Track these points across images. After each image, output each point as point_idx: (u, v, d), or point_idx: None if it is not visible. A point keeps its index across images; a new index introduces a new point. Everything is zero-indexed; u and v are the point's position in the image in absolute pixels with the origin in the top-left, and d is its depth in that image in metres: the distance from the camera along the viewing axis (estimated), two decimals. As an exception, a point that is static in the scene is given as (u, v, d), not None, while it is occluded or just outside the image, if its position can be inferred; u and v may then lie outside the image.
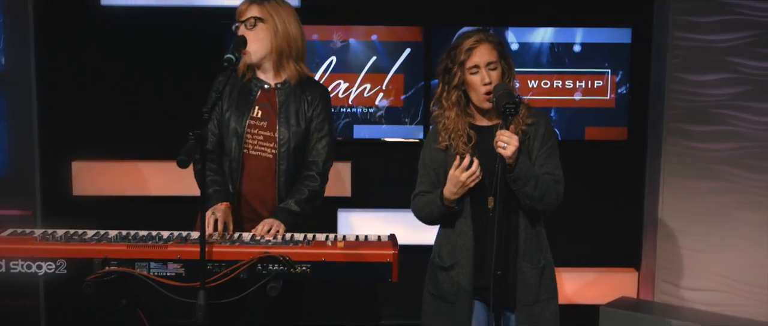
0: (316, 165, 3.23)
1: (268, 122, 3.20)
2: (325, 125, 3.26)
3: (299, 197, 3.15)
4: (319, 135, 3.25)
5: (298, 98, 3.22)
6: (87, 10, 4.85)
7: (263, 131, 3.21)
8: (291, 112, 3.20)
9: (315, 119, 3.23)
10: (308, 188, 3.18)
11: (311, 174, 3.22)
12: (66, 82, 4.90)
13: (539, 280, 2.95)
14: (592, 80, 4.87)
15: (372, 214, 4.97)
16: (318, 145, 3.24)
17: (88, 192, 4.91)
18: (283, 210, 3.10)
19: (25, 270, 2.64)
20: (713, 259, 4.72)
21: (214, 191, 3.15)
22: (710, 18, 4.60)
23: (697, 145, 4.70)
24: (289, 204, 3.12)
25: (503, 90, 2.73)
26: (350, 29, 4.85)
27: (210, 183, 3.17)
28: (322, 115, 3.25)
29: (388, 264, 2.65)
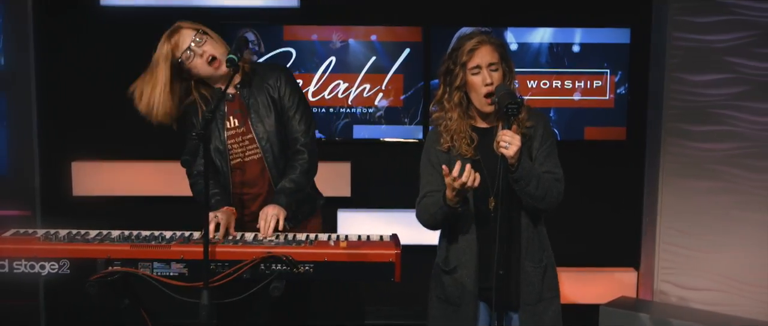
0: (297, 141, 3.26)
1: (245, 127, 3.24)
2: (294, 100, 3.28)
3: (292, 175, 3.19)
4: (292, 112, 3.27)
5: (260, 88, 3.24)
6: (86, 10, 4.86)
7: (246, 136, 3.24)
8: (260, 105, 3.23)
9: (283, 100, 3.26)
10: (298, 163, 3.22)
11: (297, 148, 3.26)
12: (65, 82, 4.90)
13: (542, 279, 2.96)
14: (591, 80, 4.88)
15: (372, 214, 4.98)
16: (293, 122, 3.27)
17: (87, 192, 4.92)
18: (279, 193, 3.13)
19: (29, 270, 2.65)
20: (712, 259, 4.73)
21: (216, 200, 3.18)
22: (709, 18, 4.61)
23: (696, 145, 4.71)
24: (284, 183, 3.16)
25: (505, 90, 2.74)
26: (350, 29, 4.86)
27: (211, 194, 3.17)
28: (287, 91, 3.27)
29: (391, 264, 2.66)
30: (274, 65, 3.41)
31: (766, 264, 4.60)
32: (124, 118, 4.86)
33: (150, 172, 4.94)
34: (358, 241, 2.82)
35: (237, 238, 2.86)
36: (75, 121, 4.91)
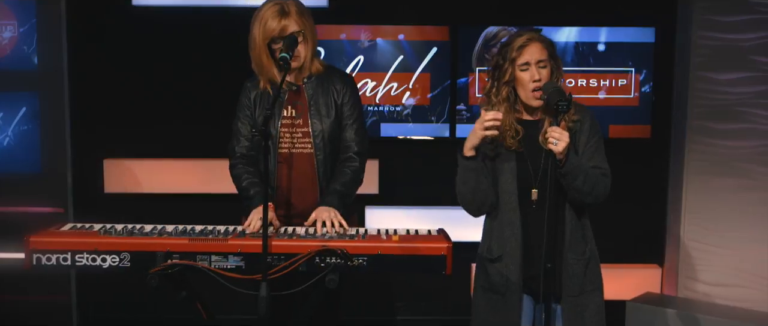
0: (351, 149, 3.35)
1: (302, 119, 3.31)
2: (354, 111, 3.38)
3: (343, 179, 3.28)
4: (350, 121, 3.36)
5: (326, 90, 3.33)
6: (118, 10, 4.92)
7: (300, 128, 3.31)
8: (321, 104, 3.32)
9: (344, 107, 3.35)
10: (350, 169, 3.31)
11: (349, 155, 3.35)
12: (97, 81, 4.98)
13: (584, 271, 3.04)
14: (616, 79, 4.94)
15: (399, 211, 5.04)
16: (350, 131, 3.36)
17: (119, 189, 4.99)
18: (332, 194, 3.21)
19: (90, 263, 2.72)
20: (736, 256, 4.78)
21: (256, 192, 3.25)
22: (734, 17, 4.67)
23: (721, 143, 4.76)
24: (336, 186, 3.24)
25: (554, 87, 2.81)
26: (378, 29, 4.92)
27: (249, 185, 3.28)
28: (350, 102, 3.37)
29: (443, 257, 2.74)
30: (344, 73, 3.51)
31: (790, 260, 4.66)
32: (154, 116, 4.99)
33: (180, 170, 5.01)
34: (408, 235, 2.89)
35: (290, 232, 2.92)
36: (107, 120, 4.99)
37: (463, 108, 4.97)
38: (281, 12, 3.19)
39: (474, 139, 2.89)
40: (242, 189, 3.30)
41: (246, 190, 3.27)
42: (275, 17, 3.18)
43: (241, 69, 4.80)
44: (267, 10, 3.21)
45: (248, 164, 3.33)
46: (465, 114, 4.96)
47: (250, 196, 3.24)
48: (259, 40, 3.22)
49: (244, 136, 3.34)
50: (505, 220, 3.03)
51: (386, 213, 5.00)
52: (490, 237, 3.09)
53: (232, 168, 3.36)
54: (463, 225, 3.48)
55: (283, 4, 3.21)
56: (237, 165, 3.34)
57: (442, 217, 4.52)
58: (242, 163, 3.33)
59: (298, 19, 3.21)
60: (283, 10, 3.20)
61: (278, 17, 3.19)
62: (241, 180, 3.30)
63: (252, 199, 3.22)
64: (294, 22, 3.20)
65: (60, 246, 2.74)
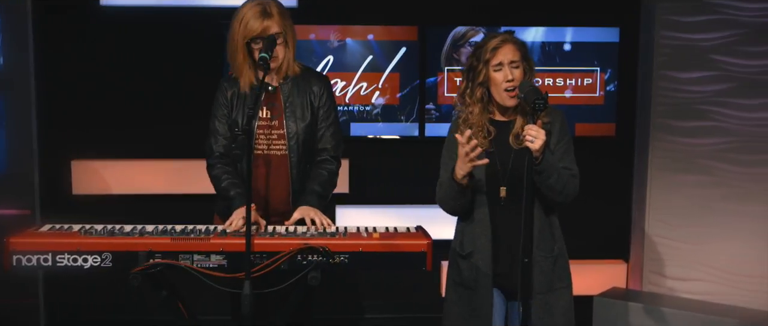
0: (326, 151, 3.38)
1: (278, 121, 3.32)
2: (331, 114, 3.41)
3: (320, 179, 3.31)
4: (327, 123, 3.39)
5: (302, 92, 3.34)
6: (86, 10, 4.88)
7: (276, 130, 3.32)
8: (297, 106, 3.33)
9: (321, 109, 3.37)
10: (327, 170, 3.35)
11: (325, 157, 3.38)
12: (65, 81, 4.93)
13: (553, 268, 3.11)
14: (582, 78, 5.03)
15: (370, 210, 5.07)
16: (326, 133, 3.39)
17: (87, 191, 4.95)
18: (312, 194, 3.24)
19: (71, 263, 2.72)
20: (699, 250, 4.90)
21: (236, 193, 3.25)
22: (695, 17, 4.78)
23: (683, 140, 4.87)
24: (314, 187, 3.27)
25: (530, 87, 2.88)
26: (347, 29, 4.95)
27: (230, 185, 3.28)
28: (327, 104, 3.40)
29: (423, 253, 2.79)
30: (321, 75, 3.53)
31: (752, 254, 4.77)
32: (123, 116, 4.96)
33: (149, 171, 4.99)
34: (388, 233, 2.93)
35: (272, 231, 2.94)
36: (74, 120, 4.94)
37: (432, 107, 5.02)
38: (263, 13, 3.20)
39: (464, 168, 2.92)
40: (222, 189, 3.29)
41: (226, 191, 3.27)
42: (257, 18, 3.19)
43: (209, 69, 4.86)
44: (249, 10, 3.21)
45: (227, 164, 3.33)
46: (434, 113, 5.01)
47: (230, 197, 3.24)
48: (238, 39, 3.23)
49: (221, 135, 3.34)
50: (475, 218, 3.10)
51: (357, 212, 5.03)
52: (462, 233, 3.16)
53: (211, 168, 3.36)
54: (433, 223, 3.52)
55: (266, 4, 3.22)
56: (216, 165, 3.34)
57: (413, 215, 4.56)
58: (221, 163, 3.32)
59: (279, 21, 3.22)
60: (265, 10, 3.20)
61: (260, 18, 3.19)
62: (220, 180, 3.30)
63: (233, 200, 3.22)
64: (276, 23, 3.20)
65: (41, 247, 2.73)
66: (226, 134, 3.34)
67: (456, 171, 2.93)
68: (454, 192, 2.98)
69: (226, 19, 4.75)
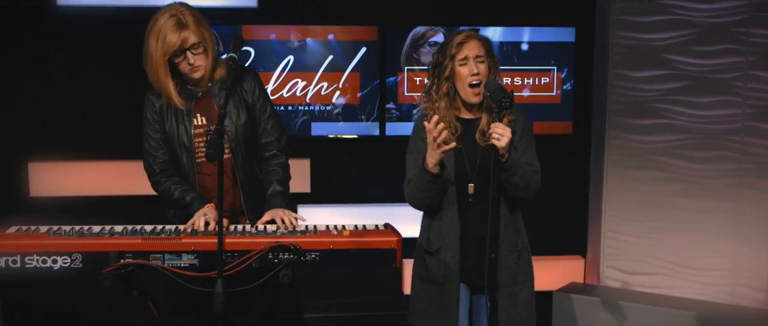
0: (271, 145, 3.37)
1: (214, 125, 3.20)
2: (267, 106, 3.39)
3: (277, 177, 3.32)
4: (265, 117, 3.37)
5: (233, 90, 3.23)
6: (43, 10, 4.83)
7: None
8: (231, 106, 3.26)
9: (256, 104, 3.35)
10: (279, 165, 3.35)
11: (273, 152, 3.37)
12: (22, 83, 4.87)
13: (517, 263, 3.18)
14: (539, 77, 5.12)
15: (332, 209, 5.09)
16: (266, 127, 3.37)
17: (45, 193, 4.89)
18: (276, 195, 3.25)
19: (40, 265, 2.70)
20: (653, 245, 5.01)
21: (192, 198, 3.22)
22: (649, 18, 4.89)
23: (638, 138, 4.98)
24: (275, 187, 3.28)
25: (496, 85, 2.93)
26: (307, 29, 4.97)
27: (183, 193, 3.24)
28: (261, 98, 3.36)
29: (393, 250, 2.83)
30: (249, 69, 3.46)
31: (704, 247, 4.89)
32: (80, 118, 4.91)
33: (107, 172, 4.94)
34: (358, 230, 2.96)
35: (242, 230, 2.95)
36: (31, 122, 4.88)
37: (392, 106, 5.06)
38: (179, 24, 3.10)
39: (435, 156, 2.94)
40: (176, 200, 3.23)
41: (181, 200, 3.22)
42: (174, 31, 3.09)
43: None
44: (164, 24, 3.11)
45: (171, 175, 3.29)
46: (394, 112, 5.06)
47: (187, 203, 3.20)
48: (158, 56, 3.13)
49: (156, 151, 3.29)
50: (444, 214, 3.14)
51: (318, 212, 5.04)
52: (429, 230, 3.20)
53: (157, 185, 3.30)
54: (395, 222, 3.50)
55: (179, 14, 3.12)
56: (161, 181, 3.29)
57: (374, 214, 4.61)
58: (165, 177, 3.28)
59: (196, 30, 3.12)
60: (180, 22, 3.11)
61: (177, 30, 3.10)
62: (171, 193, 3.24)
63: (191, 205, 3.18)
64: (193, 33, 3.11)
65: (9, 249, 2.70)
66: (160, 149, 3.29)
67: (427, 161, 2.96)
68: (426, 183, 3.00)
69: None
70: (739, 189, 4.81)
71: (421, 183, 3.03)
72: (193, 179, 3.27)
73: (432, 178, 2.98)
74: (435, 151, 2.92)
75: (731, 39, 4.77)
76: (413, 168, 3.14)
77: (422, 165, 2.99)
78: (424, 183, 3.01)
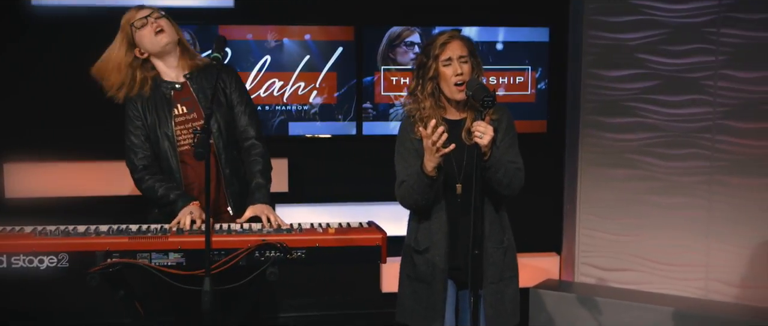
0: (249, 135, 3.43)
1: (195, 113, 3.37)
2: (243, 97, 3.48)
3: (258, 167, 3.37)
4: (242, 108, 3.45)
5: (210, 79, 3.38)
6: (17, 10, 4.79)
7: (196, 121, 3.36)
8: (209, 94, 3.33)
9: (233, 95, 3.43)
10: (260, 156, 3.41)
11: (251, 142, 3.43)
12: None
13: (503, 259, 3.22)
14: (514, 76, 5.17)
15: (309, 208, 5.11)
16: (244, 117, 3.44)
17: (20, 194, 4.86)
18: (259, 190, 3.30)
19: (27, 265, 2.69)
20: (627, 241, 5.09)
21: (177, 195, 3.27)
22: (621, 18, 4.97)
23: (611, 136, 5.06)
24: (258, 180, 3.33)
25: (478, 84, 2.97)
26: (284, 29, 4.98)
27: (167, 190, 3.28)
28: (237, 90, 3.46)
29: (378, 247, 2.86)
30: (227, 66, 3.53)
31: (677, 244, 4.98)
32: (56, 118, 4.88)
33: (83, 173, 4.92)
34: (342, 228, 2.98)
35: (227, 229, 2.96)
36: (6, 123, 4.84)
37: (369, 106, 5.09)
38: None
39: (434, 160, 2.96)
40: (160, 197, 3.28)
41: (165, 197, 3.26)
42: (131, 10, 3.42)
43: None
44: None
45: (155, 172, 3.34)
46: (371, 112, 5.08)
47: (171, 201, 3.25)
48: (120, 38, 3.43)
49: (140, 148, 3.35)
50: (432, 214, 3.16)
51: (296, 211, 5.06)
52: (416, 229, 3.22)
53: (140, 182, 3.35)
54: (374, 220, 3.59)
55: None
56: (144, 178, 3.33)
57: (352, 213, 4.59)
58: (149, 174, 3.33)
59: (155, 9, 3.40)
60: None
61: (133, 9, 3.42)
62: (154, 190, 3.29)
63: (175, 203, 3.23)
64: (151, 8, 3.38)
65: (-6, 249, 2.69)
66: (143, 146, 3.36)
67: (425, 165, 2.98)
68: (424, 186, 3.02)
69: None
70: (710, 186, 4.90)
71: (418, 186, 3.05)
72: (176, 168, 3.33)
73: (430, 181, 3.01)
74: (433, 155, 2.93)
75: (702, 39, 4.86)
76: (405, 170, 3.16)
77: (420, 170, 3.01)
78: (422, 186, 3.03)
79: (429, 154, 2.94)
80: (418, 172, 3.02)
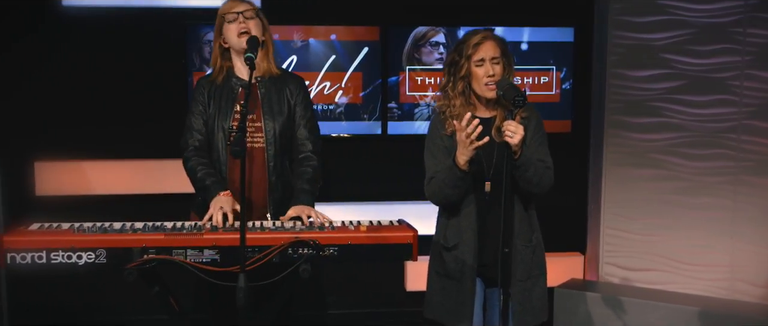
0: (306, 147, 3.49)
1: (255, 115, 3.43)
2: (307, 112, 3.54)
3: (307, 177, 3.42)
4: (304, 121, 3.51)
5: (279, 90, 3.48)
6: (48, 9, 4.86)
7: (254, 123, 3.42)
8: (274, 102, 3.45)
9: (297, 107, 3.49)
10: (310, 167, 3.45)
11: (307, 154, 3.48)
12: (27, 82, 4.90)
13: (532, 257, 3.24)
14: (539, 76, 5.19)
15: (334, 207, 5.11)
16: (304, 130, 3.50)
17: (51, 192, 4.93)
18: (303, 193, 3.35)
19: (66, 260, 2.75)
20: (652, 241, 5.09)
21: (212, 182, 3.34)
22: (646, 18, 4.97)
23: (636, 136, 5.06)
24: (304, 185, 3.38)
25: (509, 84, 3.00)
26: (310, 29, 5.03)
27: (205, 175, 3.37)
28: (303, 103, 3.52)
29: (409, 245, 2.89)
30: (298, 77, 3.64)
31: (702, 244, 4.97)
32: (86, 117, 4.95)
33: (113, 171, 4.99)
34: (374, 226, 3.02)
35: (260, 226, 3.01)
36: (37, 122, 4.91)
37: (394, 106, 5.12)
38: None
39: (467, 154, 3.01)
40: (198, 180, 3.37)
41: (202, 181, 3.35)
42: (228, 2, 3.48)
43: (172, 70, 4.90)
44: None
45: (202, 156, 3.43)
46: (396, 112, 5.12)
47: (206, 186, 3.33)
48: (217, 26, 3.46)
49: (196, 130, 3.44)
50: (461, 211, 3.20)
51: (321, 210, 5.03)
52: (445, 227, 3.26)
53: (186, 161, 3.44)
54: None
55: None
56: (191, 158, 3.42)
57: (376, 212, 4.66)
58: (196, 156, 3.42)
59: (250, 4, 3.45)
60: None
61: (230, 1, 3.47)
62: (195, 171, 3.38)
63: (209, 189, 3.31)
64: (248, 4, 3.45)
65: (35, 245, 2.74)
66: (200, 129, 3.45)
67: (458, 159, 3.02)
68: (457, 180, 3.06)
69: (190, 19, 4.90)
70: (735, 187, 4.89)
71: (450, 180, 3.09)
72: (225, 161, 3.41)
73: (463, 175, 3.06)
74: (467, 148, 2.98)
75: (728, 39, 4.86)
76: (435, 165, 3.20)
77: (453, 163, 3.05)
78: (455, 179, 3.07)
79: (462, 147, 2.98)
80: (450, 166, 3.07)
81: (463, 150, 2.99)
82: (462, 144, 2.98)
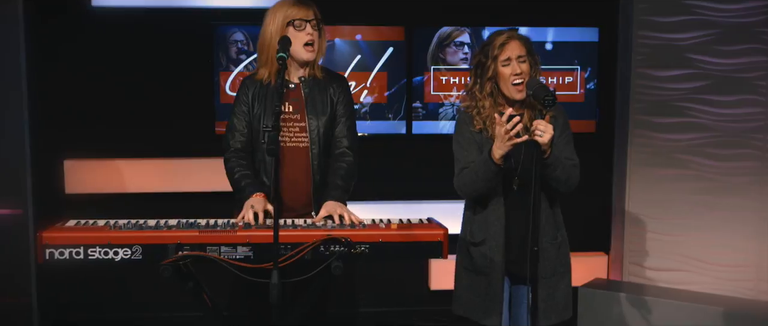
0: (343, 143, 3.52)
1: (299, 115, 3.47)
2: (347, 110, 3.57)
3: (341, 172, 3.45)
4: (343, 119, 3.54)
5: (323, 90, 3.50)
6: (78, 10, 4.93)
7: (298, 123, 3.47)
8: (317, 102, 3.48)
9: (339, 105, 3.53)
10: (346, 162, 3.49)
11: (343, 150, 3.51)
12: (57, 81, 4.97)
13: (557, 255, 3.28)
14: (563, 76, 5.20)
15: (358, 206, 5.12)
16: (343, 127, 3.54)
17: (80, 190, 5.00)
18: (336, 189, 3.38)
19: (102, 256, 2.81)
20: (676, 241, 5.09)
21: (247, 184, 3.37)
22: (672, 18, 4.97)
23: (661, 136, 5.06)
24: (337, 181, 3.41)
25: (538, 84, 3.03)
26: (335, 29, 5.06)
27: (241, 177, 3.40)
28: (344, 101, 3.56)
29: (440, 243, 2.93)
30: (342, 76, 3.69)
31: (726, 244, 4.97)
32: (115, 116, 5.01)
33: (141, 170, 5.06)
34: (404, 224, 3.06)
35: (292, 224, 3.05)
36: (67, 120, 4.98)
37: (419, 105, 5.15)
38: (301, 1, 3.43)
39: (504, 148, 3.05)
40: (235, 181, 3.42)
41: (238, 182, 3.39)
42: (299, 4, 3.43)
43: (200, 69, 4.95)
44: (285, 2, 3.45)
45: (241, 158, 3.46)
46: (421, 111, 5.15)
47: (242, 187, 3.37)
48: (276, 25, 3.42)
49: (238, 131, 3.48)
50: (489, 207, 3.24)
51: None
52: (471, 223, 3.30)
53: (226, 162, 3.48)
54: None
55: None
56: (230, 159, 3.47)
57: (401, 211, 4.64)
58: (236, 157, 3.45)
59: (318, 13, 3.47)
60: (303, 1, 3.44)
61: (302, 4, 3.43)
62: (233, 173, 3.43)
63: (244, 189, 3.35)
64: (316, 13, 3.46)
65: (73, 241, 2.81)
66: (242, 131, 3.49)
67: (494, 152, 3.06)
68: (490, 174, 3.11)
69: (217, 19, 4.95)
70: (762, 187, 4.89)
71: (484, 173, 3.13)
72: (269, 161, 3.42)
73: (497, 169, 3.10)
74: (504, 143, 3.02)
75: (754, 39, 4.87)
76: (466, 157, 3.25)
77: (488, 157, 3.09)
78: (489, 173, 3.11)
79: (500, 141, 3.01)
80: (486, 160, 3.11)
81: (501, 144, 3.03)
82: (500, 138, 3.01)
